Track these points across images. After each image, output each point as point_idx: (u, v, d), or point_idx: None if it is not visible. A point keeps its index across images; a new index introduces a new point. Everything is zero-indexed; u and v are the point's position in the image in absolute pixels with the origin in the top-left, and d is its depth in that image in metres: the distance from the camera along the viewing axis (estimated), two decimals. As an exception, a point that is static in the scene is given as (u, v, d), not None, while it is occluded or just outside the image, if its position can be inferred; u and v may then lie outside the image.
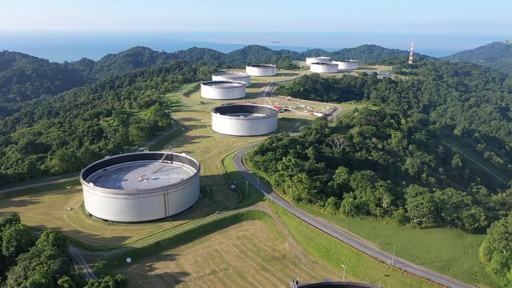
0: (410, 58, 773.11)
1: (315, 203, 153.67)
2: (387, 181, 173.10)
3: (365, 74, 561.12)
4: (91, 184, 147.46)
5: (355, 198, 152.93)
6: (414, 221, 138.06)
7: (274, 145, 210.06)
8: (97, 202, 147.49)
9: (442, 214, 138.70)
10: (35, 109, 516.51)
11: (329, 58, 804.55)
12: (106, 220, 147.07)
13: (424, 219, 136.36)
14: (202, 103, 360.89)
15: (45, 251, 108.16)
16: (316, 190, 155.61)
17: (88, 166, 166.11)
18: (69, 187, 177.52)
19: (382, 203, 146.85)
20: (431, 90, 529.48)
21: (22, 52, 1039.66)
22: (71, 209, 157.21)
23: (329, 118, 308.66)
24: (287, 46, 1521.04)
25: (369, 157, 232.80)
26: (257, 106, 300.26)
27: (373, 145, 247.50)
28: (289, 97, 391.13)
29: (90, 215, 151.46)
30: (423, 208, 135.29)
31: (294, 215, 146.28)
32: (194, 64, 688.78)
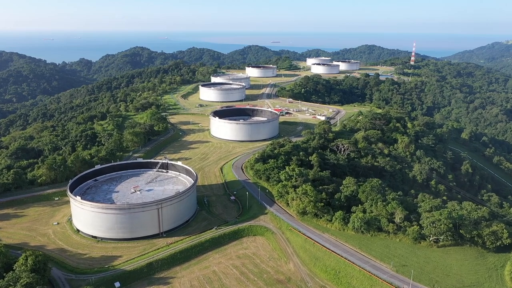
0: (412, 58, 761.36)
1: (321, 217, 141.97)
2: (398, 192, 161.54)
3: (367, 75, 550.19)
4: (79, 198, 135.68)
5: (364, 212, 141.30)
6: (431, 239, 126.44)
7: (276, 151, 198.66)
8: (85, 217, 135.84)
9: (460, 231, 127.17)
10: (30, 111, 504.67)
11: (329, 58, 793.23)
12: (95, 237, 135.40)
13: (441, 237, 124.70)
14: (201, 105, 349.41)
15: (22, 278, 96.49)
16: (322, 204, 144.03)
17: (77, 177, 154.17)
18: (57, 199, 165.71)
19: (394, 218, 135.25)
20: (434, 91, 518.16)
21: (19, 53, 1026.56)
22: (58, 223, 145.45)
23: (332, 121, 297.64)
24: (287, 46, 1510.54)
25: (375, 164, 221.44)
26: (257, 109, 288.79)
27: (379, 150, 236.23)
28: (290, 99, 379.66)
29: (78, 230, 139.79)
30: (441, 225, 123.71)
31: (299, 232, 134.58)
32: (193, 64, 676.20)
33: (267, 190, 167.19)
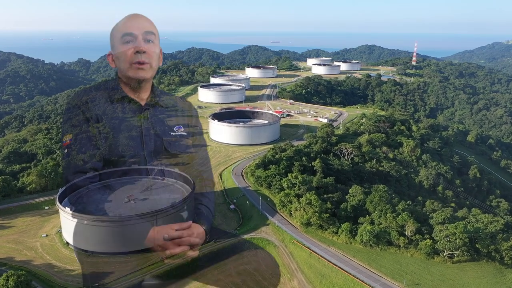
0: (414, 59, 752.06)
1: (326, 229, 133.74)
2: (408, 202, 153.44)
3: (368, 76, 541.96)
4: (68, 209, 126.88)
5: (372, 223, 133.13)
6: (445, 254, 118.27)
7: (277, 156, 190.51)
8: (75, 229, 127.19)
9: (476, 245, 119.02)
10: (26, 113, 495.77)
11: (330, 58, 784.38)
12: (86, 251, 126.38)
13: (457, 252, 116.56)
14: (200, 107, 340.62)
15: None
16: (327, 214, 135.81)
17: (67, 185, 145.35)
18: (47, 208, 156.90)
19: (405, 230, 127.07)
20: (437, 92, 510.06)
21: (17, 53, 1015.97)
22: (47, 235, 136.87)
23: (334, 124, 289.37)
24: (287, 46, 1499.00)
25: (380, 168, 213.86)
26: (257, 111, 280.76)
27: (384, 154, 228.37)
28: (291, 101, 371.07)
29: (68, 243, 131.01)
30: (456, 239, 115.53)
31: (303, 245, 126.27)
32: (192, 65, 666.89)
33: (268, 199, 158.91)
